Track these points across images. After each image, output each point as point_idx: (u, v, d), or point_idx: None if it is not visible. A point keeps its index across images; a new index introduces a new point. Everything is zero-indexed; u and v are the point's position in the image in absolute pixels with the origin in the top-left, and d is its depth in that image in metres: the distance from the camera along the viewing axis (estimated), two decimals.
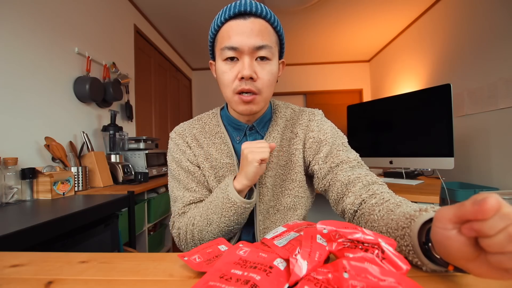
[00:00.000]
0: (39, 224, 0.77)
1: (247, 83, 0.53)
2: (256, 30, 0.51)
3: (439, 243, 0.26)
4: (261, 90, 0.54)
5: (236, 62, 0.53)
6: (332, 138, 0.61)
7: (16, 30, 1.30)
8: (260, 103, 0.56)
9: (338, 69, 4.28)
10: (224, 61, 0.54)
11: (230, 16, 0.52)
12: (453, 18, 2.32)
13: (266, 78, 0.54)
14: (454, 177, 2.26)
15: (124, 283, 0.33)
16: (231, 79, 0.54)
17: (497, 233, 0.22)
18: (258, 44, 0.51)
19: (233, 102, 0.56)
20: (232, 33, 0.52)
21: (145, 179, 1.73)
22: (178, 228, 0.59)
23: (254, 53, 0.52)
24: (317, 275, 0.28)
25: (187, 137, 0.65)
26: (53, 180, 1.20)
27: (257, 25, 0.52)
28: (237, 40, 0.51)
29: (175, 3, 2.52)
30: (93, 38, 1.87)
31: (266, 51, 0.53)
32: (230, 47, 0.52)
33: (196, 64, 4.15)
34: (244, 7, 0.51)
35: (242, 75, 0.52)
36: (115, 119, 1.87)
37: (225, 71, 0.54)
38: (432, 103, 1.43)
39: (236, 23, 0.52)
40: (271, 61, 0.54)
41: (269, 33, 0.54)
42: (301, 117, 0.66)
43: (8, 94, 1.25)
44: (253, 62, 0.53)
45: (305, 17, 2.85)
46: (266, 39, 0.52)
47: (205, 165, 0.63)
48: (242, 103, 0.55)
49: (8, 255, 0.43)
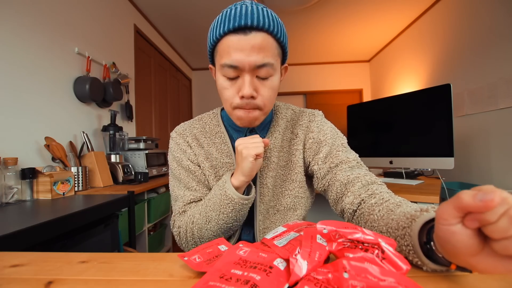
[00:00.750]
0: (39, 224, 0.77)
1: (248, 102, 0.53)
2: (257, 46, 0.49)
3: (444, 239, 0.26)
4: (262, 106, 0.55)
5: (236, 80, 0.53)
6: (332, 139, 0.62)
7: (16, 30, 1.30)
8: (261, 117, 0.57)
9: (338, 69, 4.28)
10: (224, 77, 0.54)
11: (229, 30, 0.49)
12: (453, 18, 2.32)
13: (267, 94, 0.54)
14: (454, 177, 2.26)
15: (124, 283, 0.33)
16: (231, 96, 0.54)
17: (499, 218, 0.22)
18: (259, 63, 0.50)
19: (233, 116, 0.57)
20: (232, 49, 0.49)
21: (145, 179, 1.73)
22: (179, 227, 0.59)
23: (255, 71, 0.51)
24: (317, 275, 0.28)
25: (187, 137, 0.66)
26: (53, 180, 1.20)
27: (259, 40, 0.49)
28: (237, 58, 0.49)
29: (175, 3, 2.52)
30: (93, 38, 1.87)
31: (267, 69, 0.51)
32: (230, 65, 0.50)
33: (196, 64, 4.15)
34: (245, 21, 0.48)
35: (242, 94, 0.51)
36: (115, 119, 1.88)
37: (226, 87, 0.54)
38: (432, 103, 1.43)
39: (237, 38, 0.49)
40: (272, 76, 0.54)
41: (271, 47, 0.51)
42: (301, 118, 0.66)
43: (8, 94, 1.25)
44: (254, 79, 0.52)
45: (305, 17, 2.85)
46: (268, 55, 0.50)
47: (205, 164, 0.63)
48: (242, 115, 0.55)
49: (8, 255, 0.43)
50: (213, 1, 2.48)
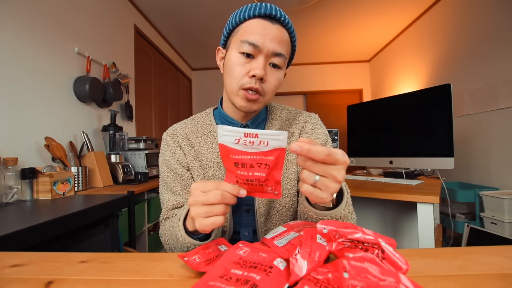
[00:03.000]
0: (39, 224, 0.77)
1: (257, 82, 0.54)
2: (279, 37, 0.53)
3: None
4: (266, 92, 0.56)
5: (251, 59, 0.54)
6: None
7: (16, 31, 1.30)
8: (261, 103, 0.57)
9: (338, 69, 4.28)
10: (240, 54, 0.54)
11: (260, 14, 0.53)
12: (453, 18, 2.32)
13: (273, 83, 0.56)
14: (454, 177, 2.26)
15: (124, 283, 0.33)
16: (241, 74, 0.54)
17: None
18: (277, 51, 0.53)
19: (236, 96, 0.57)
20: (258, 31, 0.53)
21: (145, 179, 1.73)
22: (161, 235, 0.59)
23: (270, 57, 0.54)
24: (317, 275, 0.28)
25: (178, 137, 0.65)
26: (53, 180, 1.20)
27: (281, 33, 0.54)
28: (260, 39, 0.52)
29: (175, 3, 2.52)
30: (93, 38, 1.87)
31: (281, 60, 0.55)
32: (252, 43, 0.52)
33: (196, 64, 4.15)
34: (275, 13, 0.53)
35: (254, 73, 0.52)
36: (115, 119, 1.88)
37: (239, 64, 0.54)
38: (432, 103, 1.43)
39: (264, 23, 0.53)
40: (281, 69, 0.57)
41: (288, 45, 0.56)
42: (297, 117, 0.68)
43: (8, 94, 1.25)
44: (267, 65, 0.54)
45: (305, 17, 2.85)
46: (284, 48, 0.55)
47: (194, 164, 0.63)
48: (245, 100, 0.56)
49: (8, 255, 0.43)
50: (213, 1, 2.48)
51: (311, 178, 0.35)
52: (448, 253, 0.39)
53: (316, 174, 0.35)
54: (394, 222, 1.59)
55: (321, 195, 0.36)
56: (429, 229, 1.10)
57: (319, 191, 0.36)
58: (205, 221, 0.38)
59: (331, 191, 0.36)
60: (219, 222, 0.38)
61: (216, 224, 0.38)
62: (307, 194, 0.36)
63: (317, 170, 0.35)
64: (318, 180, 0.35)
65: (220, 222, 0.38)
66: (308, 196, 0.37)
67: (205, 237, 0.49)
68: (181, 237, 0.47)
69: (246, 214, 0.63)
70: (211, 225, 0.38)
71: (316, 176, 0.35)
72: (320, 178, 0.35)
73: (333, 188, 0.35)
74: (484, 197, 1.67)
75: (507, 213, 1.52)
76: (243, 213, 0.63)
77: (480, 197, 1.74)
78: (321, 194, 0.36)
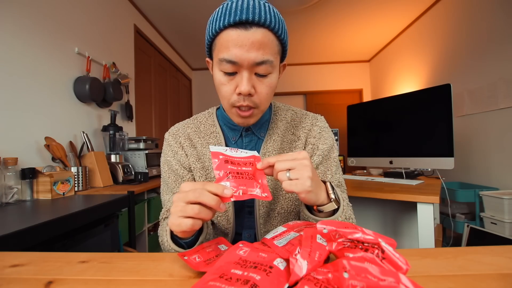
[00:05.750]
0: (39, 224, 0.77)
1: (245, 99, 0.52)
2: (258, 43, 0.47)
3: None
4: (260, 104, 0.54)
5: (234, 76, 0.51)
6: (328, 151, 0.62)
7: (16, 31, 1.30)
8: (258, 115, 0.57)
9: (338, 69, 4.28)
10: (221, 72, 0.52)
11: (230, 23, 0.47)
12: (453, 18, 2.32)
13: (265, 92, 0.52)
14: (454, 177, 2.26)
15: (124, 283, 0.33)
16: (229, 92, 0.52)
17: None
18: (258, 60, 0.48)
19: (230, 113, 0.57)
20: (231, 44, 0.47)
21: (145, 179, 1.73)
22: (158, 235, 0.59)
23: (253, 67, 0.49)
24: (317, 275, 0.28)
25: (180, 137, 0.65)
26: (53, 180, 1.20)
27: (259, 36, 0.47)
28: (236, 53, 0.47)
29: (175, 3, 2.52)
30: (93, 38, 1.87)
31: (266, 67, 0.50)
32: (229, 60, 0.48)
33: (196, 64, 4.15)
34: (246, 16, 0.46)
35: (240, 91, 0.50)
36: (115, 119, 1.88)
37: (223, 83, 0.52)
38: (432, 103, 1.43)
39: (236, 33, 0.47)
40: (271, 74, 0.52)
41: (271, 44, 0.49)
42: (304, 120, 0.66)
43: (8, 94, 1.25)
44: (252, 76, 0.51)
45: (305, 17, 2.85)
46: (267, 52, 0.49)
47: (196, 165, 0.62)
48: (239, 116, 0.55)
49: (8, 255, 0.43)
50: (214, 1, 2.48)
51: (284, 176, 0.43)
52: (448, 253, 0.39)
53: (287, 171, 0.43)
54: (394, 222, 1.59)
55: (299, 184, 0.42)
56: (429, 229, 1.10)
57: (296, 181, 0.42)
58: (175, 221, 0.37)
59: (305, 176, 0.42)
60: (186, 226, 0.36)
61: (182, 227, 0.36)
62: (289, 189, 0.42)
63: (284, 166, 0.43)
64: (289, 175, 0.42)
65: (187, 225, 0.36)
66: (291, 189, 0.42)
67: (194, 241, 0.47)
68: (166, 242, 0.48)
69: (248, 216, 0.62)
70: (177, 226, 0.37)
71: (286, 173, 0.42)
72: (290, 172, 0.42)
73: (305, 174, 0.42)
74: (484, 197, 1.67)
75: (507, 213, 1.52)
76: (246, 215, 0.63)
77: (480, 197, 1.74)
78: (298, 183, 0.42)
